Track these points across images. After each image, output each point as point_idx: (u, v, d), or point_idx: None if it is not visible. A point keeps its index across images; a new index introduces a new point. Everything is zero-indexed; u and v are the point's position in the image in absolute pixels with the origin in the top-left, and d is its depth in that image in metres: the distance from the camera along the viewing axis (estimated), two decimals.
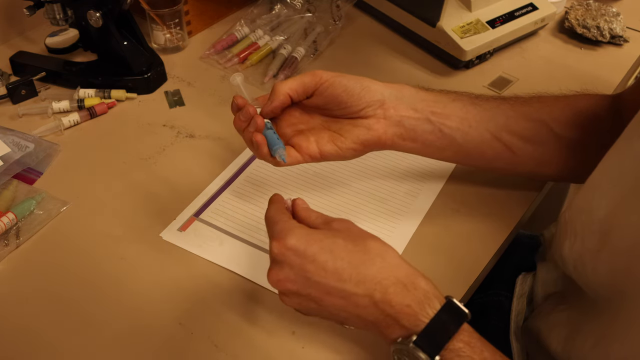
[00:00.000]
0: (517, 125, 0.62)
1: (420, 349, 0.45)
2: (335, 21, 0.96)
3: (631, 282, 0.46)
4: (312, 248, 0.47)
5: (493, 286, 0.74)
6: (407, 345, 0.45)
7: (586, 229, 0.53)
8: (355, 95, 0.58)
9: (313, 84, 0.57)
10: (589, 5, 1.00)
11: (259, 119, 0.57)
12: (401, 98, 0.60)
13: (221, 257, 0.63)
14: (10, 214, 0.65)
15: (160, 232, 0.66)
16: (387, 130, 0.60)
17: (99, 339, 0.56)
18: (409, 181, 0.72)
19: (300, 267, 0.47)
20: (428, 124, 0.60)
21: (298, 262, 0.47)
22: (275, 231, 0.49)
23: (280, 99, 0.57)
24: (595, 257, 0.51)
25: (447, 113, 0.61)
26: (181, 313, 0.58)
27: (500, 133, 0.62)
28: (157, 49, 0.92)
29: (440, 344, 0.45)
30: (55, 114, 0.81)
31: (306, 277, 0.47)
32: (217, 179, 0.72)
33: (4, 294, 0.60)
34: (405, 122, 0.60)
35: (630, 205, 0.47)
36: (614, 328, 0.47)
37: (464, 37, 0.88)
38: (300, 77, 0.57)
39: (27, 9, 0.82)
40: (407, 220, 0.67)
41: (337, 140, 0.59)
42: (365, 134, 0.59)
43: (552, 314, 0.60)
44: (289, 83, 0.57)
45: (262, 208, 0.68)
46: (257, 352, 0.56)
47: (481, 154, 0.63)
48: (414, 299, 0.47)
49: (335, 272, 0.47)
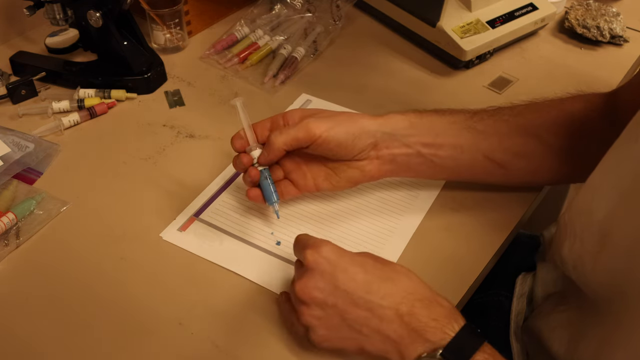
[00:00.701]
0: (510, 143, 0.63)
1: None
2: (335, 21, 0.96)
3: (631, 284, 0.46)
4: (344, 259, 0.50)
5: (493, 286, 0.74)
6: (433, 359, 0.46)
7: (586, 230, 0.53)
8: (349, 147, 0.59)
9: (307, 140, 0.58)
10: (589, 5, 1.00)
11: (253, 172, 0.60)
12: (392, 135, 0.61)
13: (221, 257, 0.63)
14: (10, 214, 0.65)
15: (160, 232, 0.65)
16: (380, 168, 0.62)
17: (99, 339, 0.56)
18: (409, 181, 0.72)
19: (332, 275, 0.49)
20: (419, 157, 0.62)
21: (330, 270, 0.49)
22: (309, 243, 0.51)
23: (275, 153, 0.59)
24: (595, 258, 0.51)
25: (439, 143, 0.62)
26: (181, 313, 0.58)
27: (493, 153, 0.63)
28: (157, 49, 0.92)
29: (467, 356, 0.46)
30: (55, 114, 0.81)
31: (336, 286, 0.49)
32: (217, 179, 0.72)
33: (4, 294, 0.60)
34: (398, 159, 0.62)
35: (629, 206, 0.47)
36: (617, 334, 0.47)
37: (464, 37, 0.88)
38: (295, 133, 0.58)
39: (27, 9, 0.82)
40: (407, 221, 0.67)
41: (332, 178, 0.62)
42: (358, 175, 0.62)
43: (552, 314, 0.60)
44: (283, 138, 0.58)
45: (262, 208, 0.68)
46: (257, 352, 0.56)
47: (473, 174, 0.65)
48: (440, 313, 0.48)
49: (365, 284, 0.49)
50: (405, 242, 0.65)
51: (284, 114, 0.62)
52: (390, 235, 0.66)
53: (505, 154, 0.63)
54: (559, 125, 0.63)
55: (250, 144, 0.61)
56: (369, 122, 0.60)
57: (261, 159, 0.60)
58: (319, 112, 0.61)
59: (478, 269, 0.63)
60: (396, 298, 0.48)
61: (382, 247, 0.64)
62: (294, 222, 0.67)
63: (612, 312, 0.49)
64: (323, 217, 0.67)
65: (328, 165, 0.62)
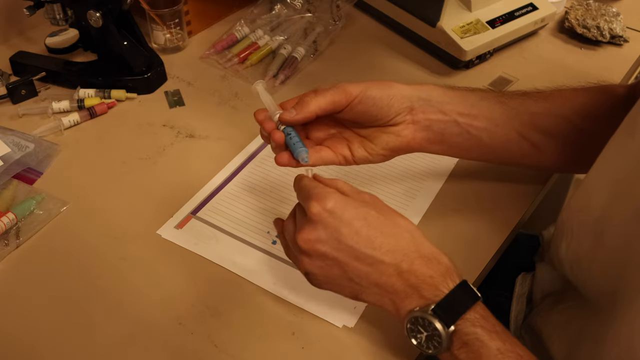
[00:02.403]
0: (542, 122, 0.62)
1: (437, 318, 0.46)
2: (335, 21, 0.96)
3: (623, 281, 0.46)
4: (348, 213, 0.49)
5: (493, 286, 0.74)
6: (424, 313, 0.47)
7: (582, 228, 0.53)
8: (385, 107, 0.58)
9: (343, 102, 0.56)
10: (589, 5, 1.00)
11: (277, 134, 0.56)
12: (429, 101, 0.60)
13: (217, 255, 0.63)
14: (10, 214, 0.65)
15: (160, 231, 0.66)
16: (415, 135, 0.60)
17: (99, 339, 0.56)
18: (407, 181, 0.72)
19: (335, 229, 0.48)
20: (456, 126, 0.61)
21: (334, 224, 0.49)
22: (313, 194, 0.50)
23: (306, 115, 0.55)
24: (591, 257, 0.51)
25: (474, 113, 0.61)
26: (181, 313, 0.58)
27: (527, 131, 0.62)
28: (157, 49, 0.92)
29: (457, 313, 0.47)
30: (55, 114, 0.81)
31: (339, 240, 0.48)
32: (214, 178, 0.72)
33: (4, 294, 0.60)
34: (434, 126, 0.60)
35: (622, 203, 0.47)
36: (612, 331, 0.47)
37: (464, 37, 0.88)
38: (331, 95, 0.56)
39: (27, 9, 0.82)
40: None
41: (367, 146, 0.60)
42: (394, 141, 0.60)
43: (551, 314, 0.60)
44: (319, 101, 0.55)
45: (259, 207, 0.68)
46: (257, 352, 0.56)
47: (508, 153, 0.64)
48: (437, 271, 0.49)
49: (368, 239, 0.49)
50: None
51: (311, 91, 0.58)
52: None
53: (538, 133, 0.62)
54: (588, 111, 0.62)
55: (271, 111, 0.57)
56: (404, 87, 0.59)
57: (285, 115, 0.55)
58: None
59: (478, 269, 0.63)
60: (398, 255, 0.49)
61: None
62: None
63: (606, 311, 0.49)
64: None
65: (361, 133, 0.60)
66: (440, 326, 0.46)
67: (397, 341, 0.56)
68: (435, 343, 0.47)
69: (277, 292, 0.60)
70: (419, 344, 0.48)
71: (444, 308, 0.47)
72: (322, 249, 0.49)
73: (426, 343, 0.47)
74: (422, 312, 0.47)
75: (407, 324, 0.48)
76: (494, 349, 0.46)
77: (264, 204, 0.69)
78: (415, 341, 0.48)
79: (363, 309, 0.59)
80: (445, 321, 0.46)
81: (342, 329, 0.57)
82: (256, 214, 0.68)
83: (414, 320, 0.47)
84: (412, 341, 0.48)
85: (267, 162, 0.74)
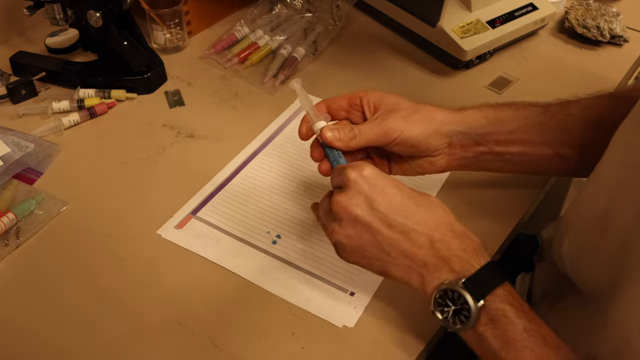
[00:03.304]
0: (579, 139, 0.62)
1: (468, 291, 0.46)
2: (335, 21, 0.96)
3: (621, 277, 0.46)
4: (383, 181, 0.50)
5: None
6: (455, 286, 0.47)
7: (587, 224, 0.53)
8: (423, 148, 0.59)
9: (383, 143, 0.58)
10: (589, 5, 1.00)
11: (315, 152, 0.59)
12: (468, 134, 0.61)
13: (217, 255, 0.63)
14: (10, 214, 0.65)
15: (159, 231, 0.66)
16: (450, 163, 0.62)
17: (99, 339, 0.56)
18: (407, 182, 0.71)
19: (370, 195, 0.50)
20: (491, 154, 0.62)
21: (368, 190, 0.50)
22: (350, 165, 0.52)
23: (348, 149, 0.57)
24: (592, 253, 0.51)
25: (512, 139, 0.61)
26: (181, 313, 0.58)
27: (561, 149, 0.62)
28: (157, 49, 0.92)
29: (488, 289, 0.47)
30: (55, 114, 0.81)
31: (372, 206, 0.49)
32: (214, 178, 0.72)
33: (4, 294, 0.60)
34: (469, 156, 0.62)
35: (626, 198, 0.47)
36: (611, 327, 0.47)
37: (464, 37, 0.88)
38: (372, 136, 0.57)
39: (27, 9, 0.82)
40: None
41: (403, 165, 0.62)
42: (429, 167, 0.62)
43: (551, 312, 0.60)
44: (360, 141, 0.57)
45: (259, 207, 0.68)
46: (257, 352, 0.56)
47: (538, 168, 0.65)
48: (469, 246, 0.49)
49: (401, 206, 0.50)
50: None
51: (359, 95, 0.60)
52: None
53: (572, 149, 0.62)
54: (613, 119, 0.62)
55: (312, 119, 0.58)
56: (444, 119, 0.60)
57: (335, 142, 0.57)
58: (394, 103, 0.59)
59: None
60: (430, 225, 0.49)
61: None
62: (292, 221, 0.67)
63: (604, 305, 0.49)
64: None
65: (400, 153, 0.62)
66: (471, 299, 0.46)
67: (398, 341, 0.56)
68: (462, 317, 0.47)
69: (277, 292, 0.60)
70: (445, 318, 0.48)
71: (475, 282, 0.47)
72: (355, 212, 0.49)
73: (453, 318, 0.47)
74: (452, 284, 0.47)
75: (434, 297, 0.48)
76: (520, 327, 0.46)
77: (264, 204, 0.69)
78: (442, 315, 0.48)
79: (363, 309, 0.59)
80: (476, 295, 0.46)
81: (342, 329, 0.57)
82: (256, 214, 0.68)
83: (442, 294, 0.47)
84: (437, 316, 0.48)
85: (268, 162, 0.74)
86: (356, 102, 0.60)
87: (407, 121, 0.58)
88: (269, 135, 0.78)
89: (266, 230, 0.66)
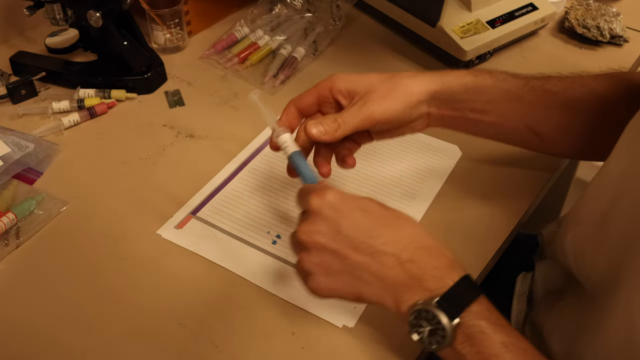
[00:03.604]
0: (556, 118, 0.62)
1: (442, 310, 0.45)
2: (335, 21, 0.96)
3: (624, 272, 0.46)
4: (347, 204, 0.49)
5: (493, 286, 0.74)
6: (428, 305, 0.46)
7: (590, 217, 0.53)
8: (405, 119, 0.60)
9: (369, 126, 0.58)
10: (589, 5, 1.00)
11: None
12: (444, 100, 0.61)
13: (217, 255, 0.63)
14: (10, 214, 0.65)
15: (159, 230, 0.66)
16: (428, 125, 0.63)
17: (99, 339, 0.56)
18: (407, 181, 0.72)
19: (334, 220, 0.48)
20: (465, 120, 0.63)
21: (333, 215, 0.49)
22: (313, 189, 0.51)
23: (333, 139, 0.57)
24: (596, 246, 0.51)
25: (487, 109, 0.62)
26: (181, 313, 0.58)
27: (537, 125, 0.63)
28: (157, 49, 0.92)
29: (463, 305, 0.46)
30: (55, 114, 0.81)
31: (338, 231, 0.48)
32: (214, 178, 0.72)
33: (4, 294, 0.60)
34: (445, 119, 0.63)
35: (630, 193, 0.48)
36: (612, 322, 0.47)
37: (464, 37, 0.88)
38: (361, 122, 0.57)
39: (27, 9, 0.82)
40: None
41: (383, 135, 0.62)
42: (409, 131, 0.63)
43: (553, 310, 0.60)
44: (345, 130, 0.57)
45: (259, 207, 0.68)
46: (257, 352, 0.56)
47: (510, 140, 0.66)
48: (442, 262, 0.48)
49: (367, 229, 0.48)
50: None
51: (327, 86, 0.59)
52: None
53: (547, 127, 0.63)
54: (606, 99, 0.62)
55: (275, 130, 0.58)
56: (422, 89, 0.60)
57: (321, 137, 0.56)
58: (368, 84, 0.59)
59: (478, 269, 0.63)
60: (398, 245, 0.48)
61: None
62: (292, 221, 0.67)
63: (607, 301, 0.49)
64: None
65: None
66: (445, 319, 0.45)
67: (397, 341, 0.56)
68: (438, 337, 0.46)
69: (277, 292, 0.60)
70: (420, 339, 0.46)
71: (449, 300, 0.45)
72: (322, 241, 0.48)
73: (429, 338, 0.46)
74: (426, 304, 0.46)
75: (409, 318, 0.47)
76: (498, 342, 0.45)
77: (264, 203, 0.69)
78: (417, 336, 0.46)
79: (363, 309, 0.59)
80: (450, 314, 0.45)
81: (342, 329, 0.57)
82: (256, 214, 0.68)
83: (417, 314, 0.46)
84: (413, 337, 0.47)
85: (268, 162, 0.74)
86: (326, 94, 0.59)
87: (386, 99, 0.58)
88: (269, 136, 0.78)
89: (266, 230, 0.66)
